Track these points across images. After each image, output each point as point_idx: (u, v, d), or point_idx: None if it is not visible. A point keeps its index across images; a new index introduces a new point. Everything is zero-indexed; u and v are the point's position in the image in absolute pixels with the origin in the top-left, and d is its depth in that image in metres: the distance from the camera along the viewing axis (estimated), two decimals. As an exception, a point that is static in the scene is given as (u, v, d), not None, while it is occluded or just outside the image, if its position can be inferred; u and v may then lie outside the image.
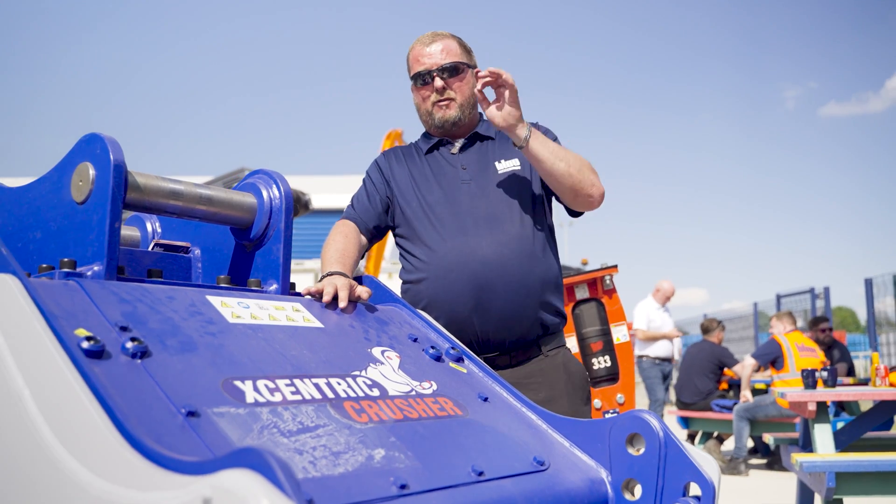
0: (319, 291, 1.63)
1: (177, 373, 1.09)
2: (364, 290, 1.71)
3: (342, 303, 1.62)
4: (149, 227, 1.91)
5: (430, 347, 1.61)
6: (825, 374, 4.86)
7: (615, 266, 4.21)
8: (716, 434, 7.81)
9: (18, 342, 1.02)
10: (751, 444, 7.67)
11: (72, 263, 1.34)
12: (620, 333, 4.06)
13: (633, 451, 1.33)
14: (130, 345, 1.08)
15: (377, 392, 1.31)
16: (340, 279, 1.70)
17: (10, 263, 1.16)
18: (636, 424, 1.33)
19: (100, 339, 1.05)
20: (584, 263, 11.70)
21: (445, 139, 2.29)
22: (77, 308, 1.14)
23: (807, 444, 4.88)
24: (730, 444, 8.05)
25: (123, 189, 1.41)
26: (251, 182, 1.71)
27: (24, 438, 0.93)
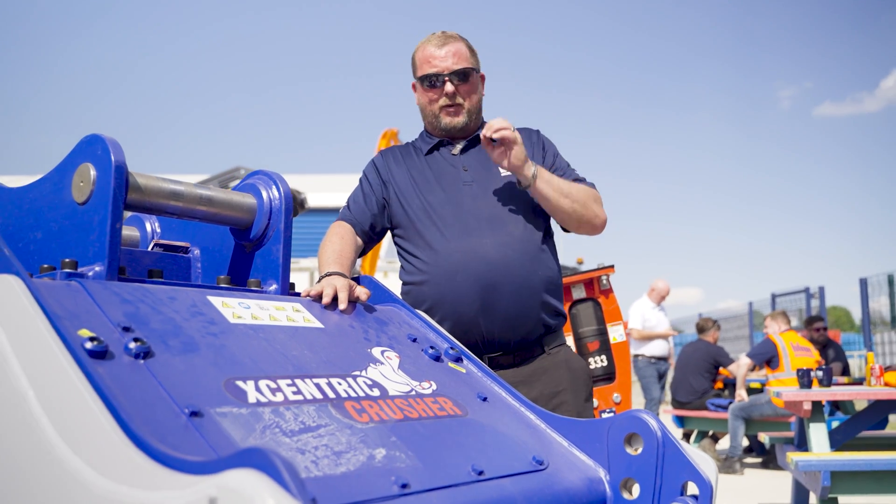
0: (319, 293, 1.63)
1: (179, 373, 1.10)
2: (363, 291, 1.72)
3: (342, 304, 1.62)
4: (148, 227, 1.92)
5: (430, 347, 1.62)
6: (820, 374, 4.87)
7: (612, 266, 4.22)
8: (711, 433, 7.83)
9: (22, 342, 1.02)
10: (746, 443, 7.70)
11: (73, 264, 1.34)
12: (617, 333, 4.07)
13: (632, 451, 1.34)
14: (133, 345, 1.09)
15: (377, 392, 1.32)
16: (339, 280, 1.71)
17: (13, 264, 1.16)
18: (634, 424, 1.34)
19: (103, 340, 1.06)
20: (580, 263, 11.70)
21: (446, 140, 2.30)
22: (80, 308, 1.15)
23: (802, 444, 4.90)
24: (725, 443, 8.07)
25: (124, 190, 1.41)
26: (251, 183, 1.71)
27: (29, 438, 0.93)
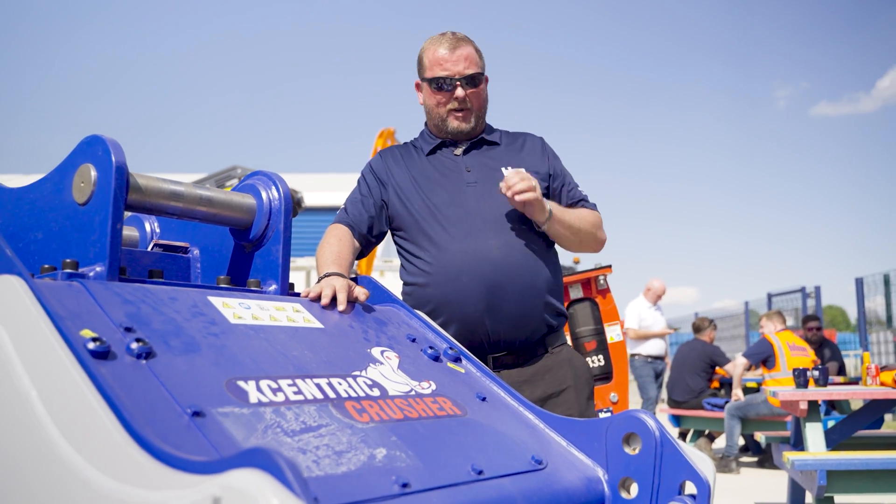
0: (318, 294, 1.64)
1: (181, 373, 1.10)
2: (362, 291, 1.72)
3: (341, 305, 1.62)
4: (147, 227, 1.92)
5: (429, 347, 1.63)
6: (816, 374, 4.89)
7: (609, 266, 4.23)
8: (707, 432, 7.86)
9: (25, 343, 1.03)
10: (742, 443, 7.72)
11: (74, 264, 1.34)
12: (614, 333, 4.08)
13: (630, 451, 1.35)
14: (135, 345, 1.10)
15: (377, 392, 1.33)
16: (339, 280, 1.71)
17: (16, 264, 1.17)
18: (632, 424, 1.35)
19: (105, 340, 1.06)
20: (576, 262, 11.69)
21: (449, 140, 2.29)
22: (82, 309, 1.15)
23: (798, 443, 4.92)
24: (721, 442, 8.09)
25: (125, 191, 1.41)
26: (250, 183, 1.72)
27: (33, 438, 0.94)
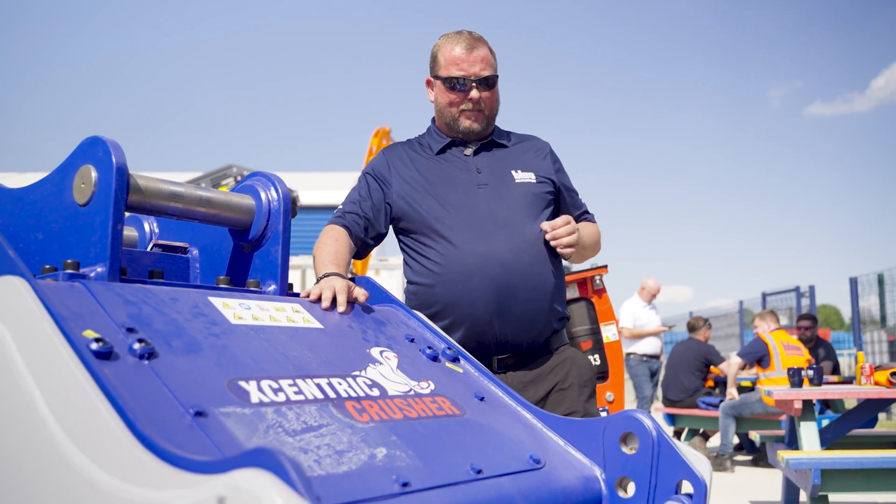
0: (318, 296, 1.64)
1: (183, 373, 1.11)
2: (361, 292, 1.73)
3: (341, 307, 1.63)
4: (146, 228, 1.92)
5: (427, 347, 1.64)
6: (811, 373, 4.92)
7: (605, 266, 4.23)
8: (701, 431, 7.88)
9: (29, 343, 1.04)
10: (736, 441, 7.75)
11: (75, 265, 1.35)
12: (610, 332, 4.08)
13: (627, 450, 1.37)
14: (138, 346, 1.10)
15: (377, 392, 1.34)
16: (338, 281, 1.71)
17: (18, 265, 1.17)
18: (630, 424, 1.37)
19: (108, 341, 1.07)
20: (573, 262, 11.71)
21: (458, 140, 2.28)
22: (84, 309, 1.16)
23: (792, 442, 4.95)
24: (715, 441, 8.12)
25: (125, 191, 1.42)
26: (249, 184, 1.72)
27: (37, 438, 0.95)
